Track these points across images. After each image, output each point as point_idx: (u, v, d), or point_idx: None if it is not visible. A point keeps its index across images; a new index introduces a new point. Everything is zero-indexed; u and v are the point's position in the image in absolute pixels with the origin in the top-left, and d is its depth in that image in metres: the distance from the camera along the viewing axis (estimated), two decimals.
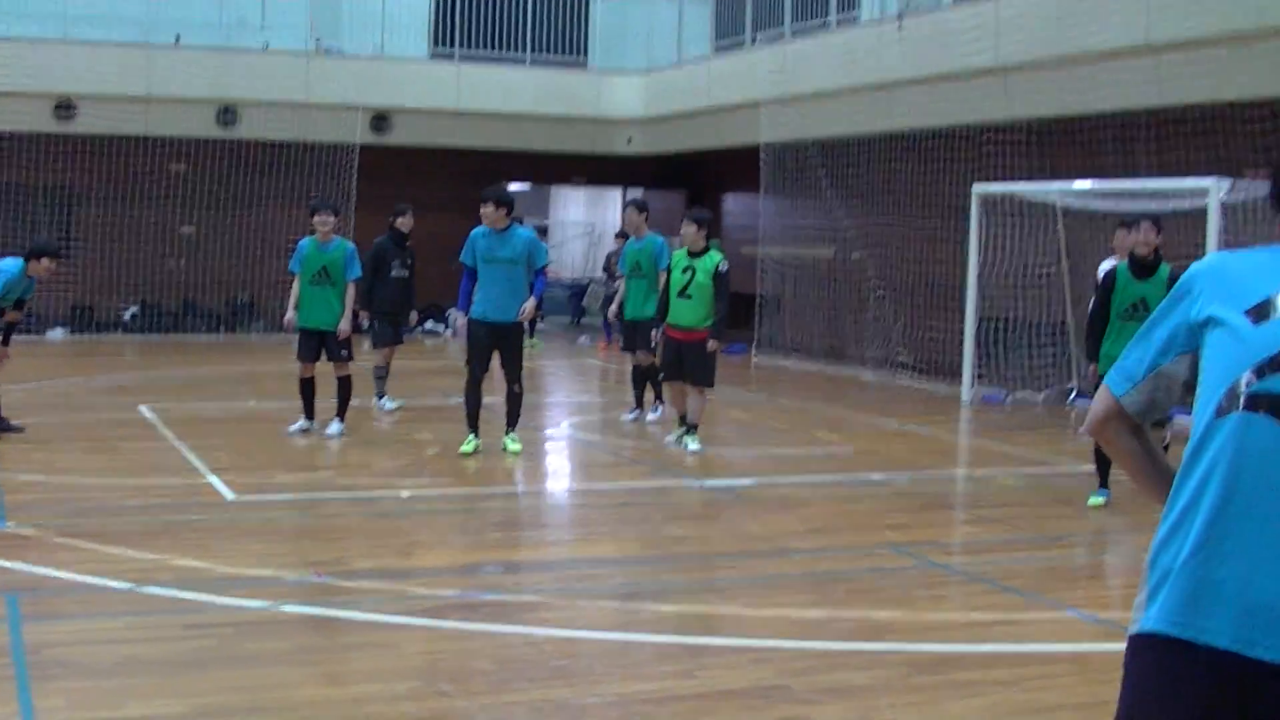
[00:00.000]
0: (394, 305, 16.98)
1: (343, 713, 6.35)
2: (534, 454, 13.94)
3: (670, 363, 14.61)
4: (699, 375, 14.35)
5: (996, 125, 19.97)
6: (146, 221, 27.79)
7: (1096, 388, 3.41)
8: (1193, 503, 2.97)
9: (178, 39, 26.95)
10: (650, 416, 16.44)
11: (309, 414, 14.83)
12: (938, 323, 21.42)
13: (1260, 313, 2.98)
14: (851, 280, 24.04)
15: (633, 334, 16.26)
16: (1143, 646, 3.05)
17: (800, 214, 25.00)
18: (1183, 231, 16.29)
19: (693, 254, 14.37)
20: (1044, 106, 18.96)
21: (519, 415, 14.00)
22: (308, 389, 14.81)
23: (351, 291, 14.71)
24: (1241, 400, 2.93)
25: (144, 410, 16.33)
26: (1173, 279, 10.96)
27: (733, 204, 29.68)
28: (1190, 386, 3.14)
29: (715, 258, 14.31)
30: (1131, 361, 3.25)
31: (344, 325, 14.52)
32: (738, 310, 27.08)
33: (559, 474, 13.95)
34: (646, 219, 16.40)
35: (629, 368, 16.57)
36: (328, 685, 6.83)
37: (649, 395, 16.52)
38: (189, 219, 28.03)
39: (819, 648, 7.59)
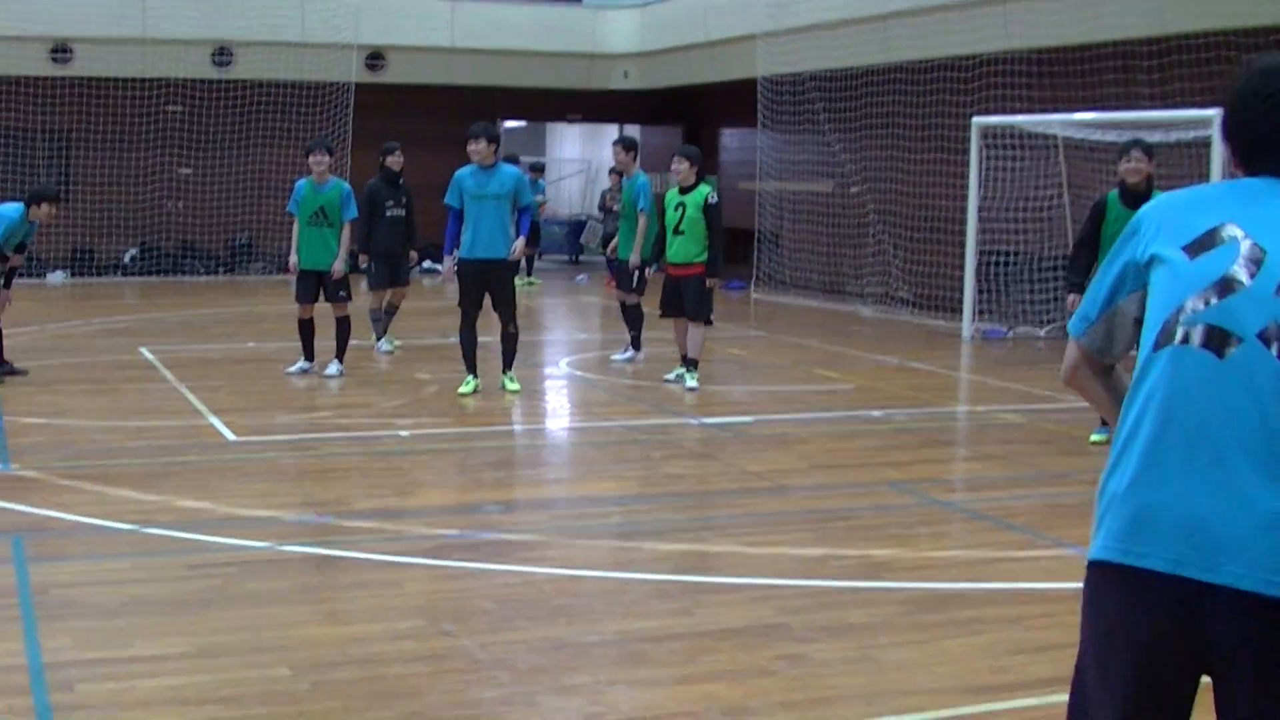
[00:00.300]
0: (391, 245, 16.71)
1: (345, 651, 6.39)
2: (533, 393, 13.95)
3: (669, 300, 14.65)
4: (694, 309, 14.41)
5: (996, 56, 19.88)
6: (144, 164, 27.75)
7: None
8: (1132, 433, 3.11)
9: None
10: (618, 356, 16.53)
11: (308, 355, 14.86)
12: (938, 257, 21.39)
13: (1196, 248, 3.10)
14: (850, 215, 23.99)
15: (620, 272, 16.46)
16: (1092, 574, 3.18)
17: (798, 148, 24.95)
18: (1185, 163, 16.28)
19: (683, 190, 14.43)
20: (1044, 37, 18.86)
21: (515, 354, 14.01)
22: (306, 330, 14.83)
23: (348, 232, 14.71)
24: (1176, 334, 3.06)
25: (145, 352, 16.36)
26: None
27: (730, 139, 29.57)
28: (1141, 324, 3.25)
29: (704, 190, 14.40)
30: (1087, 302, 3.37)
31: (337, 265, 14.53)
32: (736, 246, 27.14)
33: (558, 413, 13.96)
34: (635, 158, 16.46)
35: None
36: (330, 624, 6.87)
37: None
38: (187, 161, 27.98)
39: (818, 586, 7.63)
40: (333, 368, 14.68)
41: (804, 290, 24.42)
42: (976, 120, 19.31)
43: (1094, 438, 11.58)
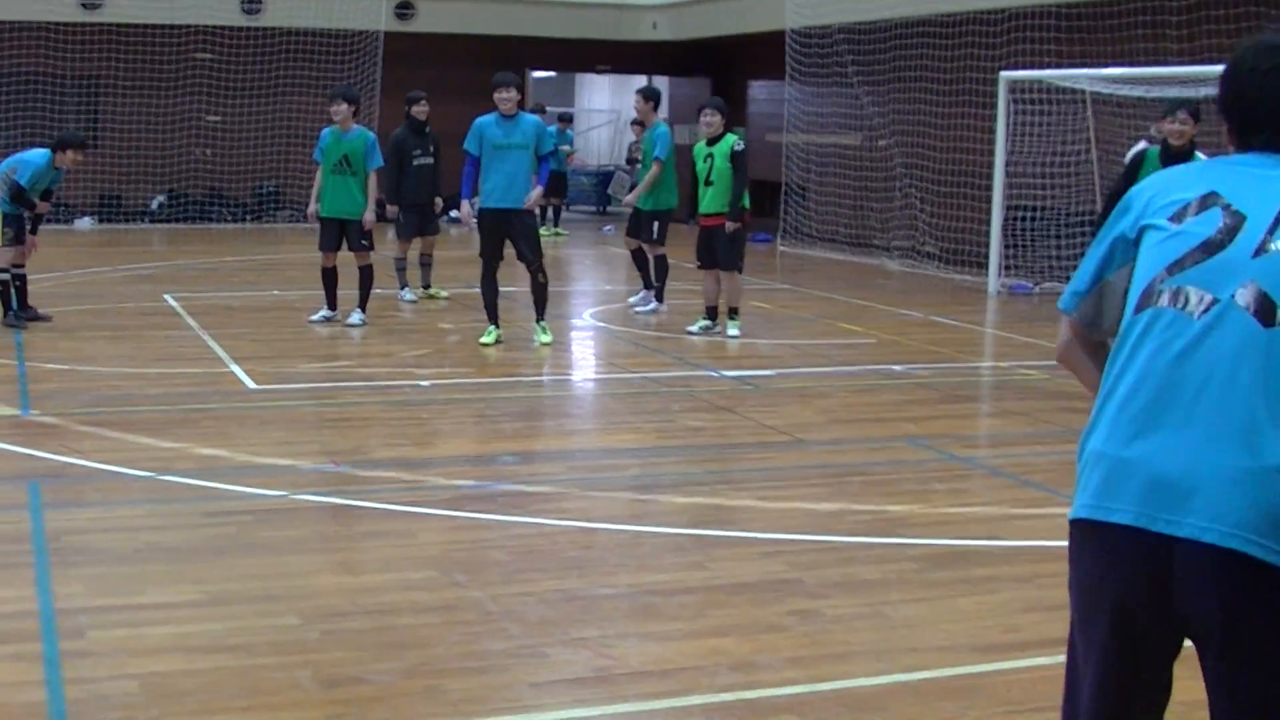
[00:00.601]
0: (420, 195, 16.83)
1: (356, 600, 6.40)
2: (555, 344, 13.92)
3: (703, 251, 14.86)
4: (725, 259, 14.62)
5: (1025, 10, 19.76)
6: (173, 111, 27.76)
7: None
8: (1109, 392, 3.19)
9: None
10: (641, 309, 16.66)
11: (331, 303, 14.88)
12: (965, 212, 21.31)
13: (1179, 216, 3.16)
14: (878, 168, 23.90)
15: (635, 221, 16.64)
16: (1071, 534, 3.25)
17: (826, 101, 24.85)
18: (1212, 119, 16.13)
19: (710, 141, 14.58)
20: None
21: (546, 303, 13.99)
22: (329, 278, 14.83)
23: (373, 181, 14.68)
24: (1155, 297, 3.13)
25: (169, 299, 16.39)
26: None
27: (758, 91, 29.43)
28: None
29: (731, 139, 14.60)
30: (1078, 277, 3.44)
31: (368, 216, 14.53)
32: (763, 199, 27.04)
33: (579, 364, 13.95)
34: (655, 108, 16.79)
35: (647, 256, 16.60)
36: (342, 573, 6.89)
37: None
38: (215, 108, 27.97)
39: (832, 541, 7.60)
40: (355, 317, 14.68)
41: (830, 243, 24.35)
42: (1004, 75, 19.21)
43: None
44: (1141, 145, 14.84)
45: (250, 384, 11.58)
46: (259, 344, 13.66)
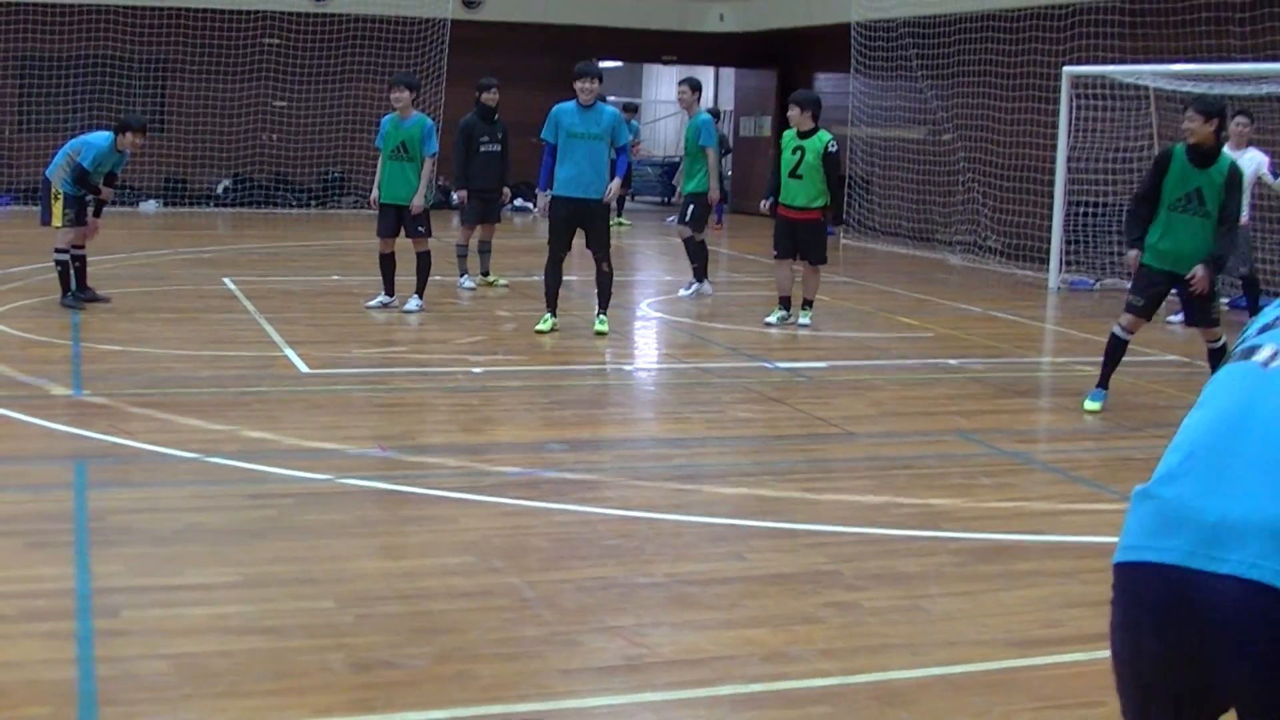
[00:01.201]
0: (486, 182, 16.89)
1: (393, 585, 6.41)
2: (612, 334, 13.90)
3: (783, 241, 14.96)
4: (812, 253, 14.87)
5: (1088, 5, 19.66)
6: (240, 96, 27.96)
7: (1134, 276, 3.54)
8: (1175, 438, 3.10)
9: None
10: (683, 292, 17.05)
11: (388, 289, 14.92)
12: (1027, 207, 21.21)
13: None
14: (941, 162, 23.80)
15: (685, 208, 17.09)
16: (1114, 576, 3.11)
17: (891, 94, 24.78)
18: (1277, 116, 16.01)
19: (802, 134, 14.70)
20: None
21: (610, 295, 13.99)
22: (387, 264, 14.88)
23: (428, 167, 14.72)
24: (1234, 352, 3.17)
25: (228, 282, 16.49)
26: (1233, 173, 10.61)
27: (824, 84, 29.30)
28: None
29: (825, 137, 14.71)
30: None
31: (416, 200, 14.57)
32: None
33: (633, 354, 13.94)
34: (699, 98, 17.26)
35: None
36: (381, 558, 6.89)
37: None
38: (282, 93, 28.13)
39: (874, 534, 7.57)
40: (412, 303, 14.72)
41: (894, 237, 24.31)
42: (1067, 70, 19.10)
43: (1089, 405, 11.12)
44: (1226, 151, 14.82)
45: (303, 368, 11.62)
46: (315, 329, 13.72)
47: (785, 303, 15.01)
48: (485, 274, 17.09)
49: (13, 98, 26.84)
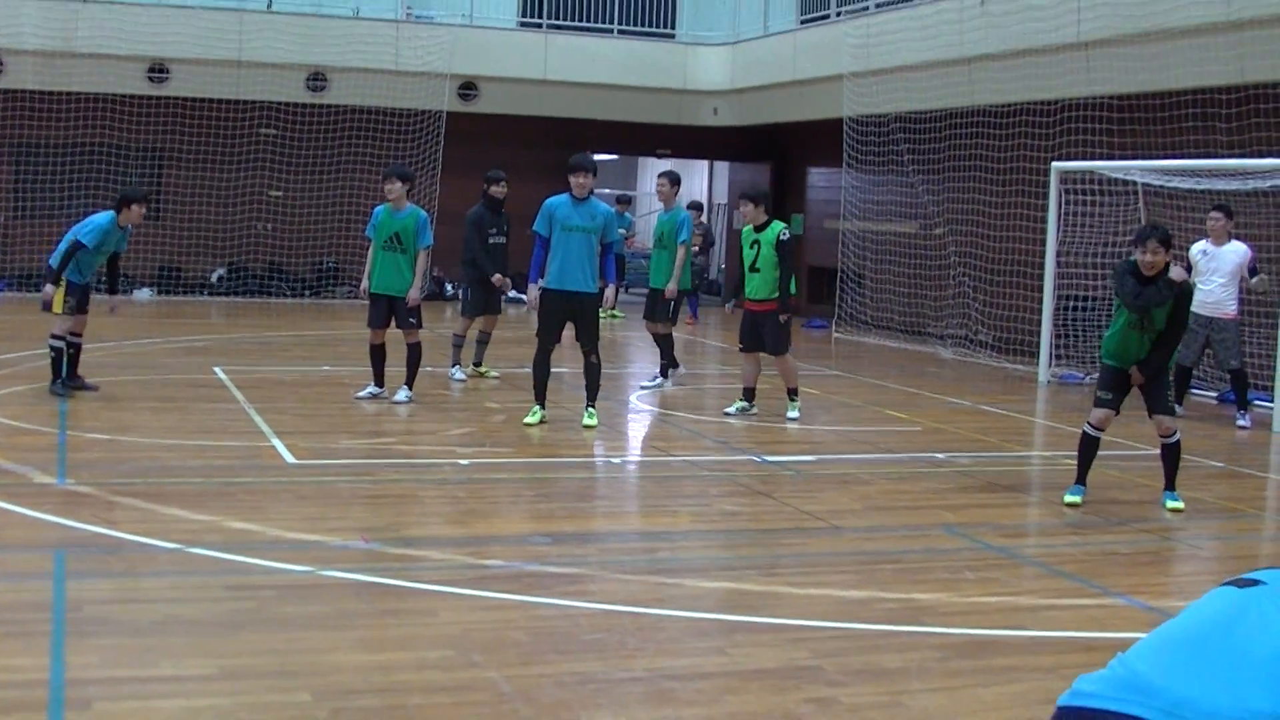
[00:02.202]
0: (491, 274, 16.86)
1: (370, 679, 6.37)
2: (600, 425, 13.89)
3: (747, 335, 15.00)
4: (773, 344, 14.81)
5: (1077, 101, 19.83)
6: (236, 184, 28.10)
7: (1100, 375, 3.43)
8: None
9: (270, 4, 27.25)
10: (647, 382, 17.32)
11: (378, 380, 14.94)
12: (1017, 301, 21.29)
13: None
14: (932, 256, 23.91)
15: (651, 302, 17.33)
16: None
17: (882, 188, 24.95)
18: (1263, 211, 16.10)
19: (757, 229, 14.72)
20: (1125, 83, 18.84)
21: (599, 387, 14.01)
22: (377, 355, 14.90)
23: (423, 260, 14.77)
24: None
25: (218, 372, 16.49)
26: (1182, 296, 10.71)
27: (817, 178, 29.58)
28: None
29: (778, 227, 14.77)
30: None
31: (413, 293, 14.58)
32: (820, 285, 27.10)
33: (621, 447, 13.90)
34: (677, 192, 17.48)
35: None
36: (360, 651, 6.85)
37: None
38: (278, 183, 28.26)
39: (857, 629, 7.53)
40: (401, 394, 14.73)
41: (885, 330, 24.36)
42: (1056, 165, 19.25)
43: (1070, 498, 11.15)
44: (1203, 244, 15.02)
45: (290, 459, 11.61)
46: (303, 419, 13.72)
47: (748, 394, 15.07)
48: (478, 364, 17.10)
49: (9, 185, 26.98)
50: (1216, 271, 15.64)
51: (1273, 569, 3.06)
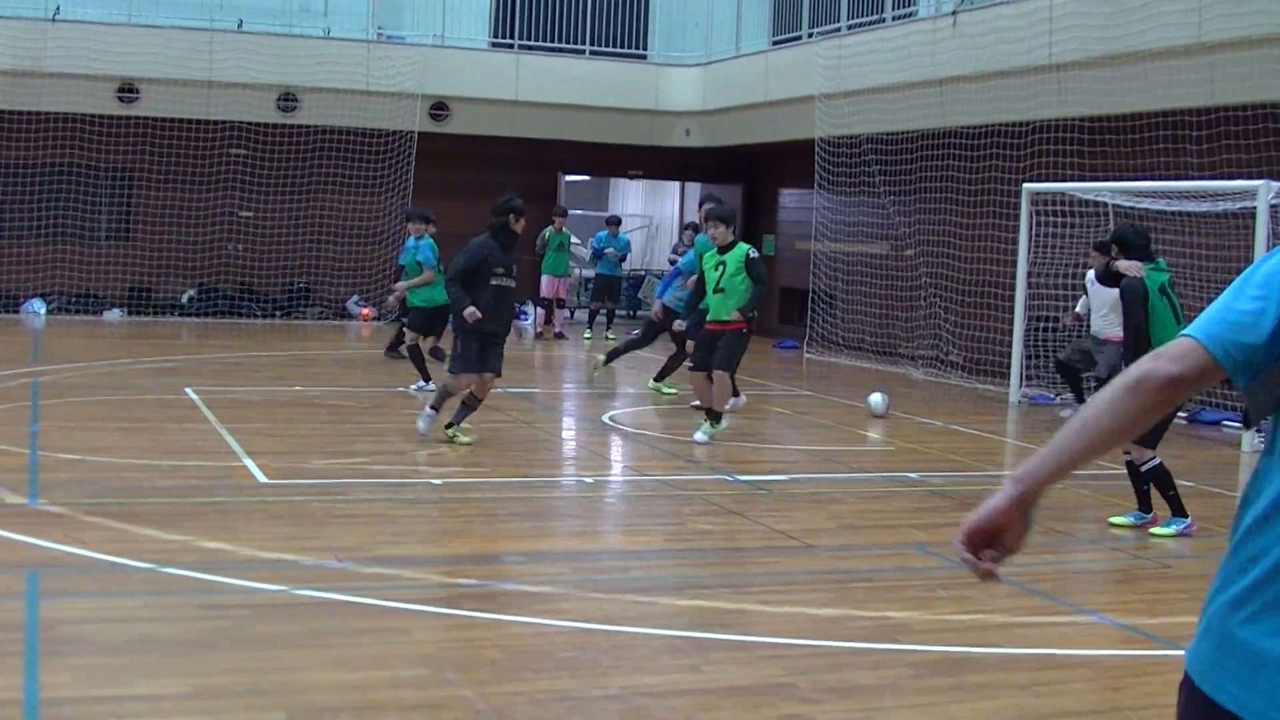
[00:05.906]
0: (495, 322, 13.51)
1: (344, 697, 6.36)
2: (572, 445, 13.91)
3: (702, 354, 14.85)
4: (724, 358, 14.65)
5: (1048, 123, 19.92)
6: (206, 205, 28.03)
7: None
8: (1255, 557, 2.82)
9: (240, 24, 27.17)
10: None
11: (423, 375, 17.12)
12: (988, 322, 21.35)
13: None
14: (904, 277, 23.97)
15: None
16: (1183, 685, 2.95)
17: (854, 210, 25.00)
18: (1232, 233, 16.20)
19: (722, 250, 14.62)
20: (1096, 105, 18.92)
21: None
22: (415, 354, 17.42)
23: (422, 275, 17.36)
24: None
25: (189, 392, 16.44)
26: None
27: (788, 199, 29.64)
28: None
29: (744, 248, 14.66)
30: (1252, 320, 2.87)
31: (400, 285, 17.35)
32: (792, 306, 27.14)
33: (594, 465, 13.89)
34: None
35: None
36: (334, 669, 6.83)
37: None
38: (248, 203, 28.21)
39: (830, 646, 7.55)
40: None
41: (857, 351, 24.40)
42: (1027, 186, 19.32)
43: (1118, 520, 11.21)
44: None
45: (262, 478, 11.58)
46: (275, 439, 13.70)
47: (710, 413, 14.92)
48: (450, 427, 13.96)
49: None
50: (1101, 301, 16.36)
51: None
